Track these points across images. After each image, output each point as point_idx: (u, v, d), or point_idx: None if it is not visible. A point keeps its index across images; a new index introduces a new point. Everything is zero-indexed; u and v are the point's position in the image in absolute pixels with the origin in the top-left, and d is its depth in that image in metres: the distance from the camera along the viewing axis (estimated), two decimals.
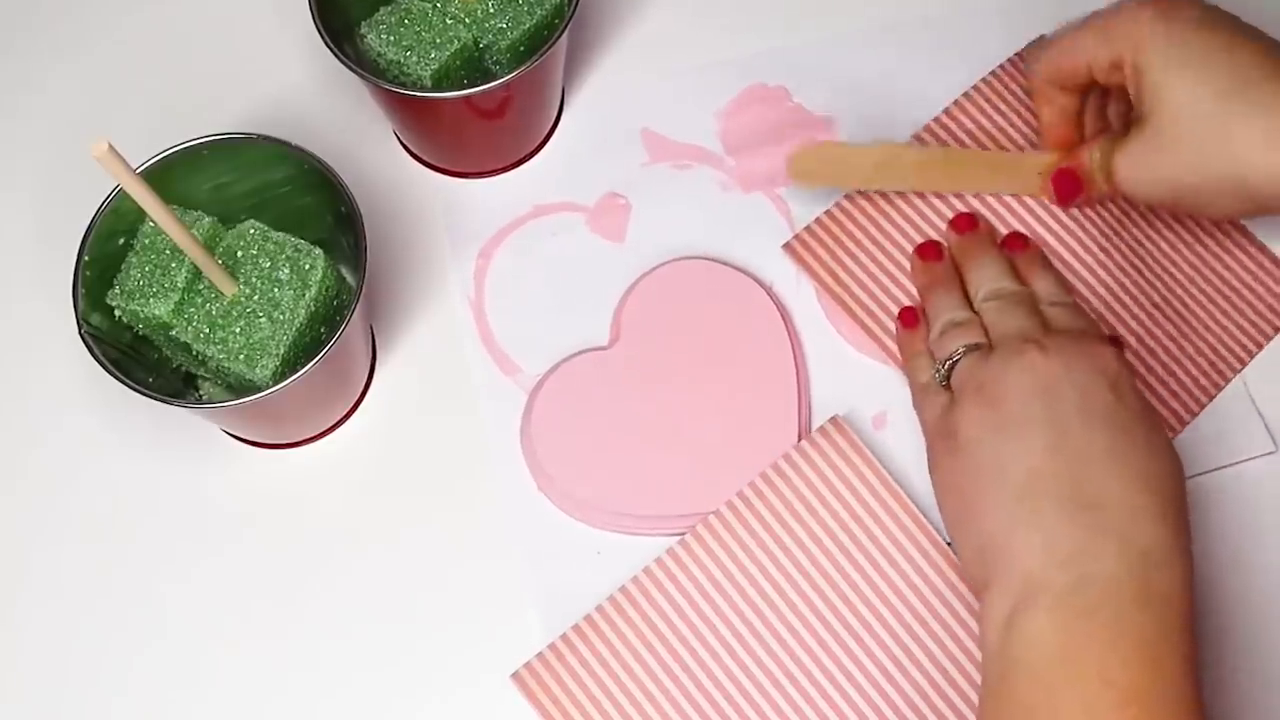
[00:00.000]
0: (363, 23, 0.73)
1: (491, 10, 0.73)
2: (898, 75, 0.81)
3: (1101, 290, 0.74)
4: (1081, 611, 0.57)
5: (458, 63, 0.73)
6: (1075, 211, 0.76)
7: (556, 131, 0.81)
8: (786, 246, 0.76)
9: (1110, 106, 0.75)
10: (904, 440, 0.73)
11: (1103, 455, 0.61)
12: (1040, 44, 0.75)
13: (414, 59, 0.72)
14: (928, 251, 0.74)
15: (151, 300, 0.66)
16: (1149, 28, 0.68)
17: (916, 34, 0.83)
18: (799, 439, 0.72)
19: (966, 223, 0.74)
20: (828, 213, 0.77)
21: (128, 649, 0.70)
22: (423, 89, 0.72)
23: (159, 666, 0.70)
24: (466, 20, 0.73)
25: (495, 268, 0.77)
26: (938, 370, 0.68)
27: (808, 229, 0.76)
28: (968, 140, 0.78)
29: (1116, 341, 0.67)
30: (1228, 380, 0.74)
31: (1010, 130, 0.78)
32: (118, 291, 0.67)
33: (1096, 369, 0.63)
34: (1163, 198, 0.70)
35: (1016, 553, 0.60)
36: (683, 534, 0.70)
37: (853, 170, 0.75)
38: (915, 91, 0.80)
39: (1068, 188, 0.74)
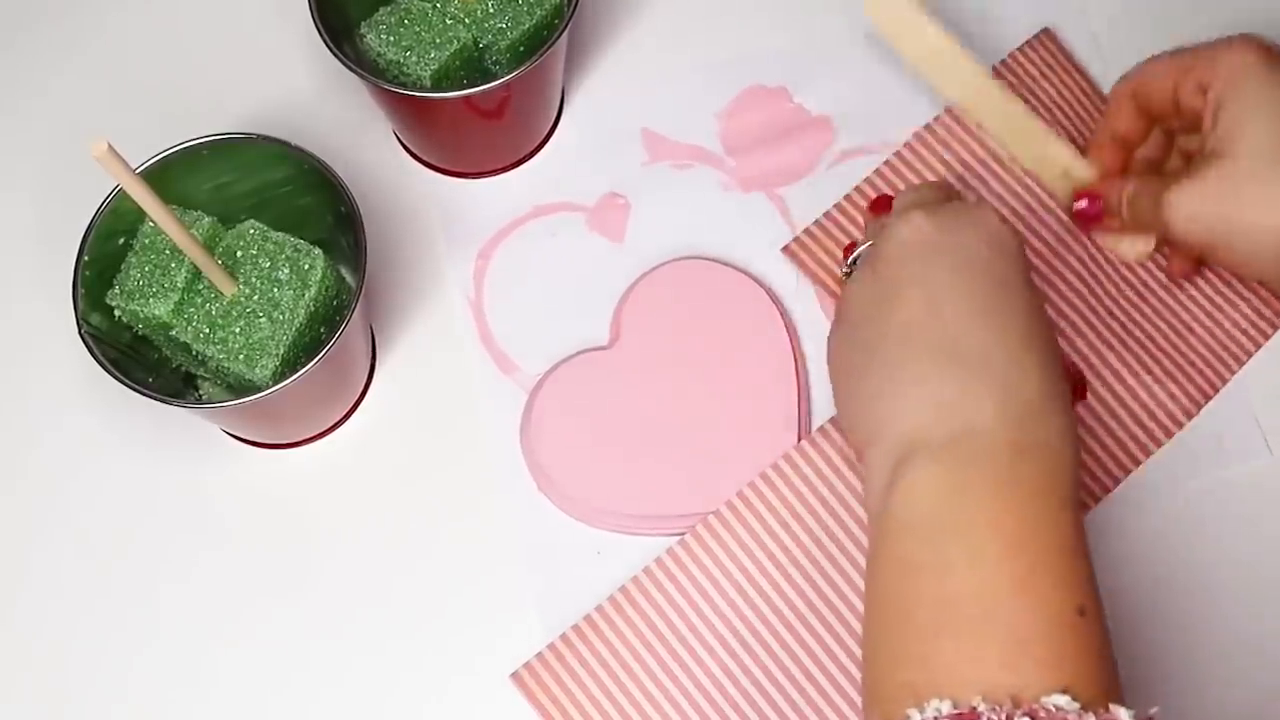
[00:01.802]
0: (362, 23, 0.74)
1: (491, 10, 0.73)
2: (899, 77, 0.82)
3: (1100, 293, 0.75)
4: (965, 461, 0.57)
5: (457, 63, 0.73)
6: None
7: (556, 131, 0.81)
8: (786, 249, 0.77)
9: (1172, 156, 0.75)
10: None
11: (982, 311, 0.60)
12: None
13: (414, 59, 0.72)
14: (879, 205, 0.73)
15: (151, 300, 0.67)
16: (1250, 63, 0.67)
17: None
18: (799, 439, 0.72)
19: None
20: (827, 215, 0.77)
21: (127, 648, 0.71)
22: (422, 89, 0.73)
23: (158, 666, 0.70)
24: (466, 20, 0.73)
25: (495, 267, 0.78)
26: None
27: (807, 231, 0.77)
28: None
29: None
30: (1225, 381, 0.74)
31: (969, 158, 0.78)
32: (117, 291, 0.67)
33: (980, 225, 0.63)
34: (1207, 240, 0.69)
35: (897, 409, 0.59)
36: (682, 534, 0.71)
37: (917, 40, 0.75)
38: (916, 94, 0.81)
39: (1087, 211, 0.74)
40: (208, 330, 0.67)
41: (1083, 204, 0.74)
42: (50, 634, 0.71)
